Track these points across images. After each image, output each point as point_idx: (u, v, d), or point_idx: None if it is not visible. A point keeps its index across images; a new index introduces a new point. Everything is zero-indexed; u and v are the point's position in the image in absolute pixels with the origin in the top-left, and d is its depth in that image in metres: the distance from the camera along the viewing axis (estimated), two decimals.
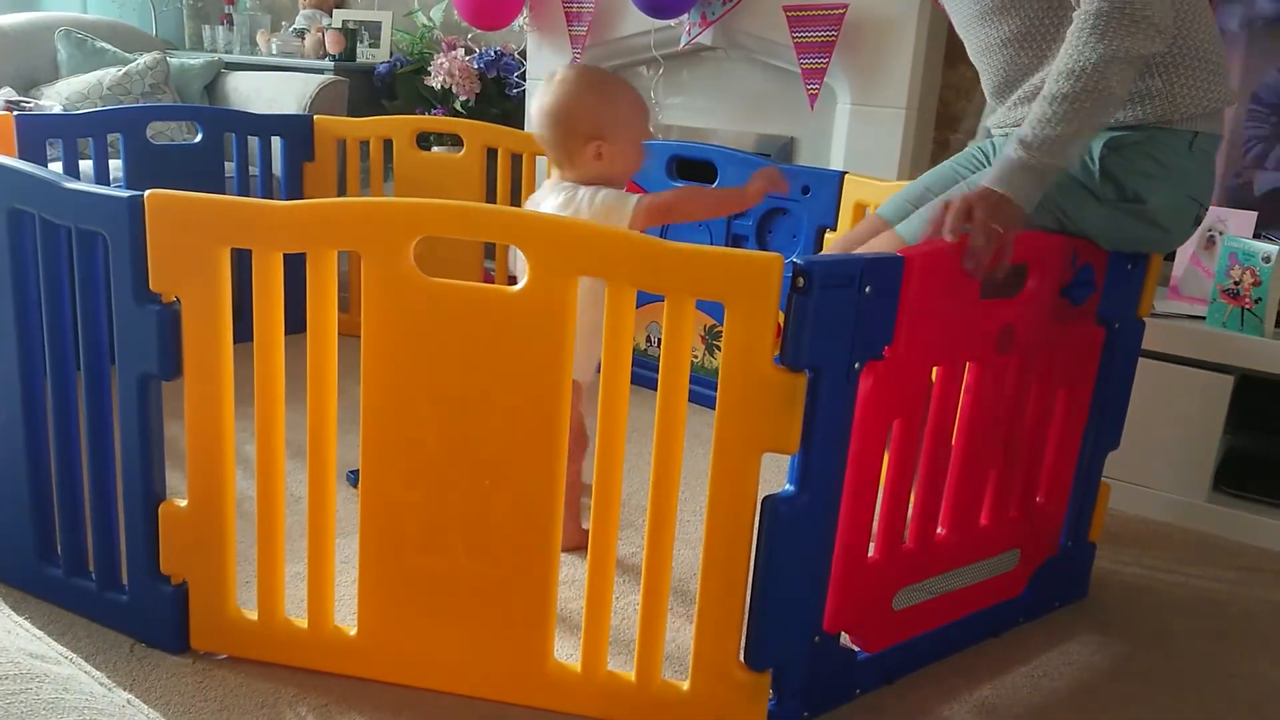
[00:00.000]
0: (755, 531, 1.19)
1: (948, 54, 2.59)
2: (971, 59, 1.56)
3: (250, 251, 1.20)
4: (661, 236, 1.77)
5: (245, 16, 3.74)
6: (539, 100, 1.57)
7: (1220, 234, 2.09)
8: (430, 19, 3.41)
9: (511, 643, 1.27)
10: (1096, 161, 1.38)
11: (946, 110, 2.71)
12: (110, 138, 2.48)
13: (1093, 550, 1.67)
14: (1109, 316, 1.50)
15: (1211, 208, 2.14)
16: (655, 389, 1.16)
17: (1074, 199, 1.39)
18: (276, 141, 2.72)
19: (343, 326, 1.25)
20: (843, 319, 1.15)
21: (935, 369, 1.32)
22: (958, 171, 1.64)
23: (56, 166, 2.33)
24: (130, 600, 1.36)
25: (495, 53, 3.17)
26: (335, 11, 3.61)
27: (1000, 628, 1.55)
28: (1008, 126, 1.52)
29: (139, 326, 1.24)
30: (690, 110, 2.88)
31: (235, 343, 1.25)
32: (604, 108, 1.51)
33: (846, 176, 2.20)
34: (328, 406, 1.24)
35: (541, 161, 2.66)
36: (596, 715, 1.27)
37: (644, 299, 1.16)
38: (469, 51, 3.19)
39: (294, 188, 2.73)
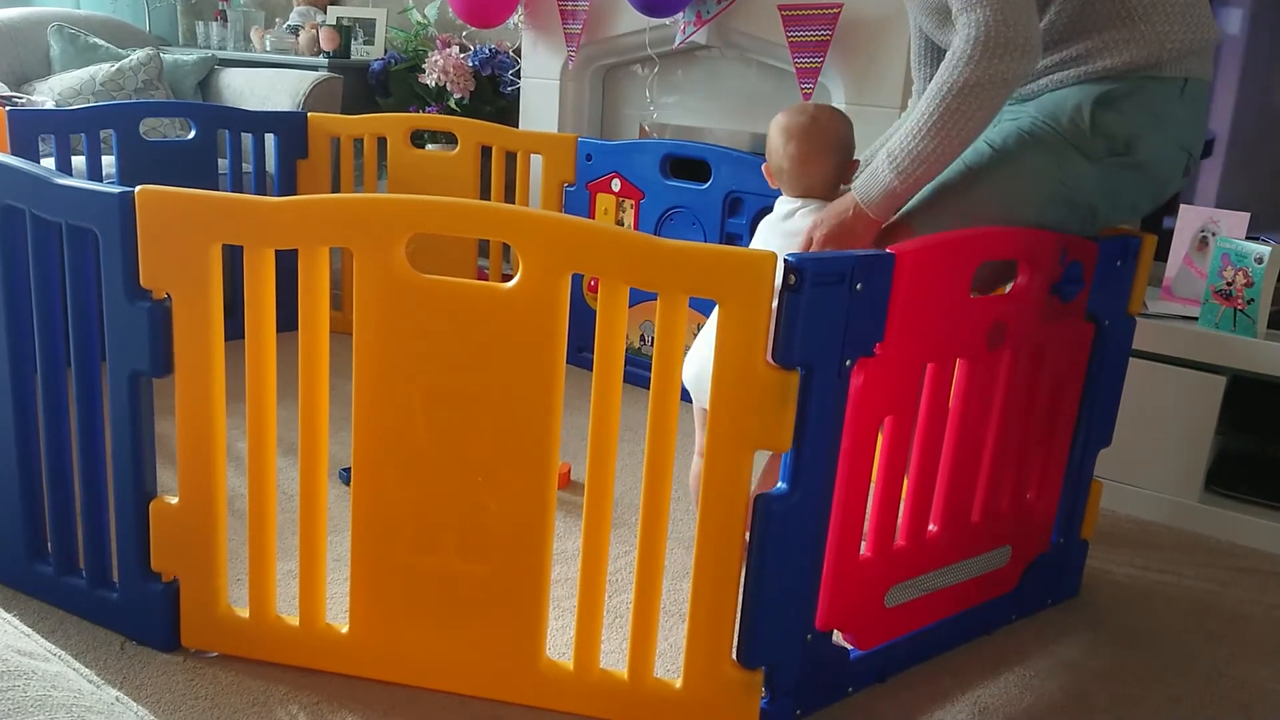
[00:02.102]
0: (747, 529, 1.19)
1: None
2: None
3: (242, 248, 1.20)
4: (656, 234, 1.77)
5: (239, 13, 3.73)
6: (827, 131, 1.53)
7: (1213, 235, 2.09)
8: (425, 16, 3.40)
9: (504, 640, 1.27)
10: (1088, 119, 1.39)
11: None
12: (103, 134, 2.47)
13: (1085, 548, 1.67)
14: (1098, 313, 1.51)
15: (1205, 208, 2.16)
16: (648, 387, 1.17)
17: (1068, 163, 1.39)
18: (270, 138, 2.71)
19: (335, 324, 1.24)
20: (834, 316, 1.15)
21: (926, 366, 1.32)
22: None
23: (49, 162, 2.33)
24: (121, 597, 1.35)
25: (490, 50, 3.17)
26: (330, 8, 3.61)
27: (992, 625, 1.55)
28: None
29: (130, 323, 1.23)
30: (685, 109, 2.88)
31: (226, 340, 1.24)
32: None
33: None
34: (320, 404, 1.24)
35: (536, 160, 2.65)
36: (589, 713, 1.27)
37: (636, 297, 1.16)
38: (464, 49, 3.18)
39: (287, 185, 2.73)
